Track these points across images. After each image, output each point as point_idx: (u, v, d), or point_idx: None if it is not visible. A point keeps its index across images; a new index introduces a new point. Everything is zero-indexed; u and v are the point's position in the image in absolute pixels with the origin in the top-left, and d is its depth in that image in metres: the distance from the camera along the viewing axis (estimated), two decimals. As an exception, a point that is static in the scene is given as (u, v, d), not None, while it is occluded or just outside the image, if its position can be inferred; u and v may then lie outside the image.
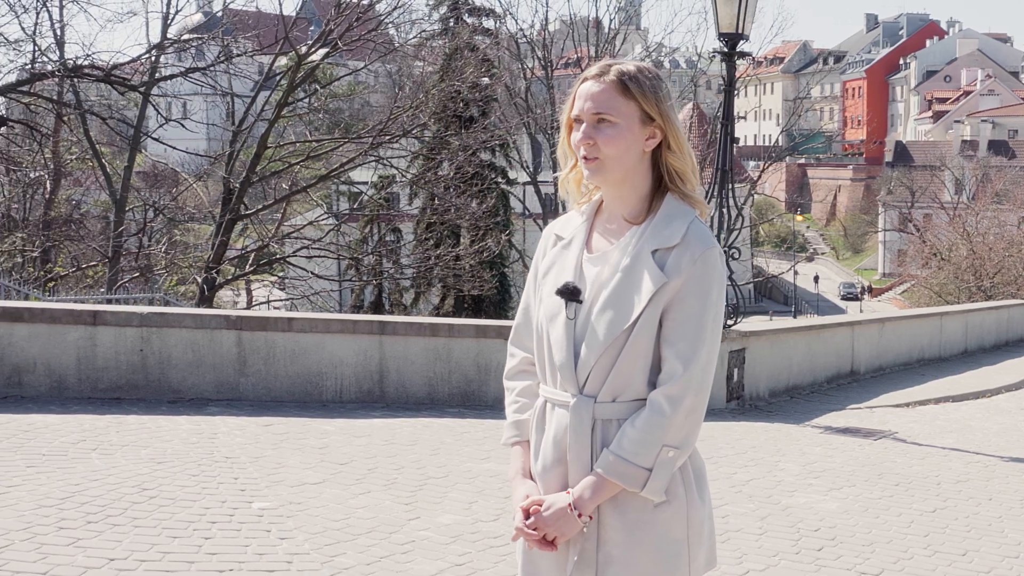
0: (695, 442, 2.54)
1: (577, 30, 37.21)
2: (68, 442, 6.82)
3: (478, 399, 9.03)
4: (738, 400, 9.74)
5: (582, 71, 2.65)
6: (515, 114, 36.23)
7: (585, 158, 2.54)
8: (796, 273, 64.00)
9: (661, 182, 2.60)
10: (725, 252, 9.73)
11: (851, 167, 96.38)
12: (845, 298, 71.16)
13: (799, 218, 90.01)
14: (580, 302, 2.53)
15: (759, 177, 42.09)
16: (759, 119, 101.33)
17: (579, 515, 2.49)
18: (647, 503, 2.50)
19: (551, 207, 36.45)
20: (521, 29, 36.38)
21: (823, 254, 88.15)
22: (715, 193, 9.67)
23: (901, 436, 8.81)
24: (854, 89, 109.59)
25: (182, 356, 8.40)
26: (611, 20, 38.15)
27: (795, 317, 52.19)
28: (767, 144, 69.53)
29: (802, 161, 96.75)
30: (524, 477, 2.64)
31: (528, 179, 36.89)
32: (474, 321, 10.31)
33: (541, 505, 2.53)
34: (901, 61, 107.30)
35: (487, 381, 9.07)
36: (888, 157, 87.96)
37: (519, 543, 2.63)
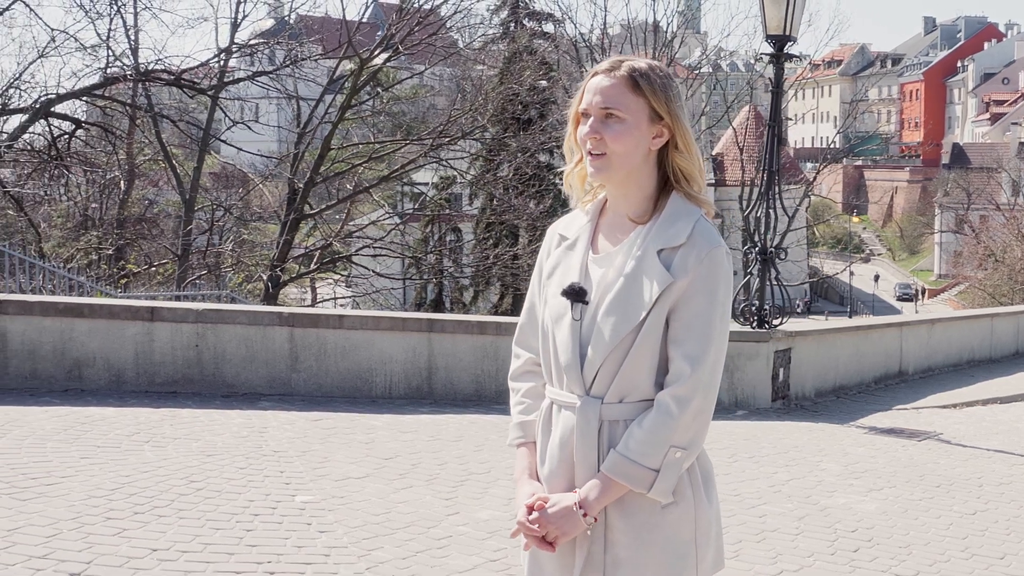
0: (703, 443, 2.46)
1: (635, 34, 36.95)
2: (123, 434, 6.86)
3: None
4: (783, 400, 9.57)
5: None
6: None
7: (591, 153, 2.46)
8: (852, 274, 63.26)
9: (666, 182, 2.51)
10: (772, 253, 9.58)
11: (908, 169, 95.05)
12: (901, 299, 70.21)
13: (855, 219, 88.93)
14: (586, 303, 2.46)
15: (814, 178, 41.58)
16: (816, 121, 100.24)
17: (584, 515, 2.42)
18: (654, 504, 2.42)
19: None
20: (580, 34, 36.19)
21: (879, 255, 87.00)
22: (762, 194, 9.50)
23: (946, 437, 8.60)
24: (911, 92, 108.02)
25: (236, 352, 8.43)
26: (668, 23, 37.87)
27: (850, 317, 51.53)
28: (824, 146, 68.67)
29: (859, 163, 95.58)
30: (531, 479, 2.56)
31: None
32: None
33: (546, 502, 2.46)
34: (959, 64, 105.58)
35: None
36: (945, 159, 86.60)
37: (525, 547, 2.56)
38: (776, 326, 9.54)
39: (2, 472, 5.79)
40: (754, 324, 9.51)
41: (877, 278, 70.96)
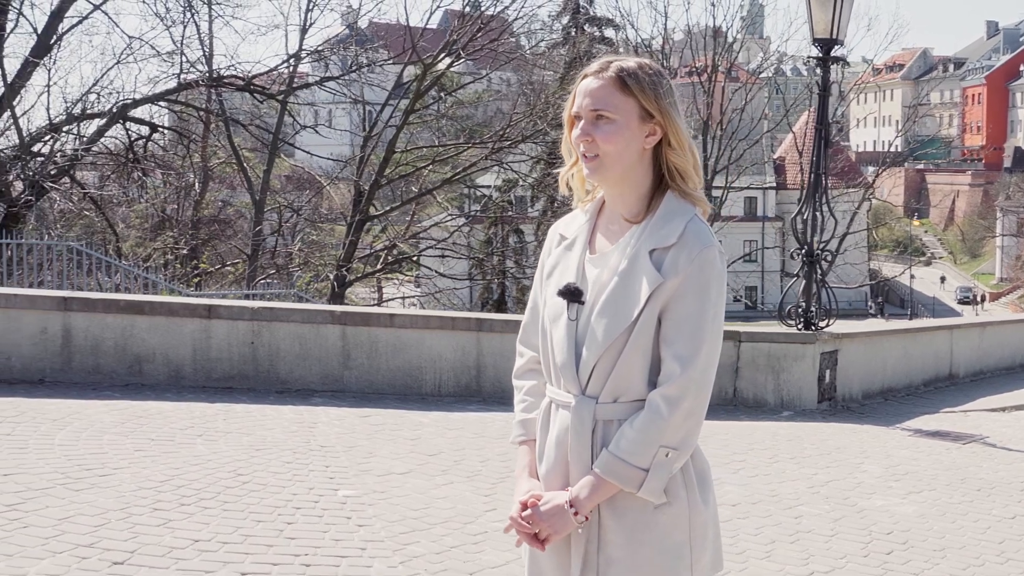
0: (694, 443, 2.41)
1: (695, 40, 36.69)
2: (177, 428, 6.92)
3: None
4: (830, 401, 9.41)
5: (701, 80, 2.53)
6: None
7: (584, 156, 2.43)
8: (912, 277, 62.31)
9: (663, 180, 2.46)
10: (818, 255, 9.43)
11: (969, 172, 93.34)
12: (961, 302, 69.04)
13: (916, 223, 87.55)
14: (582, 303, 2.42)
15: (873, 181, 41.00)
16: (879, 125, 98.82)
17: (575, 513, 2.38)
18: (647, 504, 2.38)
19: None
20: (642, 40, 36.01)
21: (940, 258, 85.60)
22: (809, 196, 9.36)
23: (991, 441, 8.40)
24: (974, 95, 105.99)
25: (290, 349, 8.48)
26: (727, 28, 37.54)
27: (910, 319, 50.78)
28: (888, 151, 67.79)
29: (921, 166, 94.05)
30: (529, 476, 2.54)
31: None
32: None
33: (540, 500, 2.43)
34: (1022, 67, 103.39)
35: (580, 378, 8.93)
36: (1007, 163, 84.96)
37: (524, 545, 2.52)
38: (823, 328, 9.39)
39: (59, 462, 5.87)
40: (800, 326, 9.37)
41: (943, 279, 69.84)
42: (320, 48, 24.66)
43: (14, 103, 21.69)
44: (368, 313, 9.13)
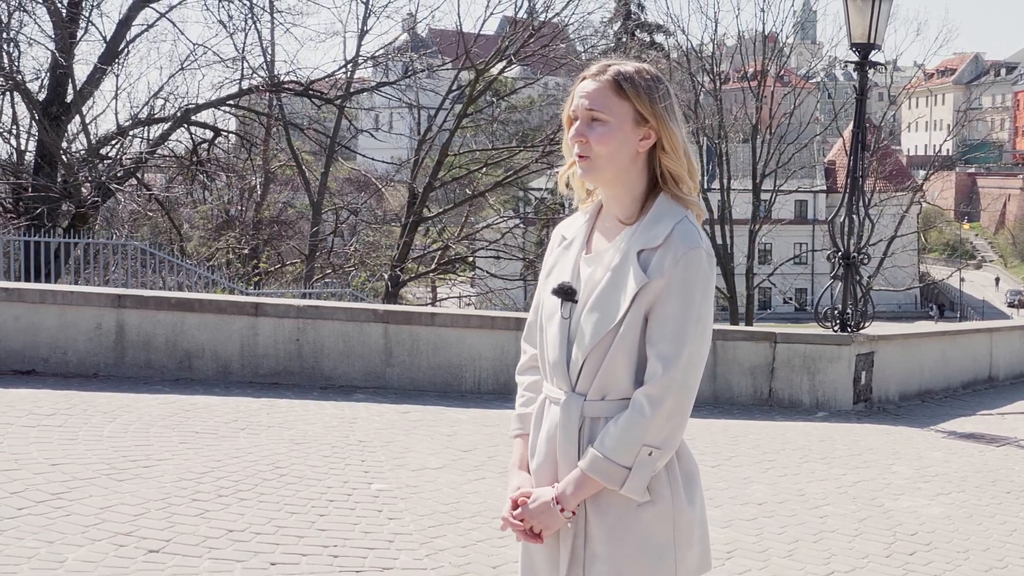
0: (678, 443, 2.39)
1: (744, 45, 36.41)
2: (221, 422, 6.99)
3: (608, 394, 8.86)
4: (866, 402, 9.29)
5: (751, 85, 2.52)
6: (685, 124, 35.66)
7: (579, 155, 2.42)
8: (962, 279, 61.37)
9: (656, 182, 2.44)
10: (854, 257, 9.31)
11: (1021, 176, 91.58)
12: (1012, 305, 67.83)
13: (966, 226, 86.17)
14: (575, 302, 2.42)
15: (921, 185, 40.37)
16: (930, 129, 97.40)
17: (562, 510, 2.38)
18: (630, 502, 2.37)
19: (726, 211, 35.68)
20: (693, 47, 35.78)
21: (991, 262, 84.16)
22: (845, 199, 9.25)
23: (1027, 443, 8.25)
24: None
25: (334, 346, 8.54)
26: (778, 32, 37.19)
27: (960, 322, 49.98)
28: (936, 154, 66.70)
29: (972, 170, 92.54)
30: (520, 469, 2.54)
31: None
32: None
33: (529, 497, 2.43)
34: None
35: (617, 377, 8.90)
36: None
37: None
38: (858, 330, 9.27)
39: (106, 454, 5.95)
40: (836, 327, 9.26)
41: (998, 281, 68.69)
42: (376, 54, 24.78)
43: (83, 108, 22.07)
44: (410, 312, 9.16)
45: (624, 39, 33.91)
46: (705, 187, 36.28)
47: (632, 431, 2.32)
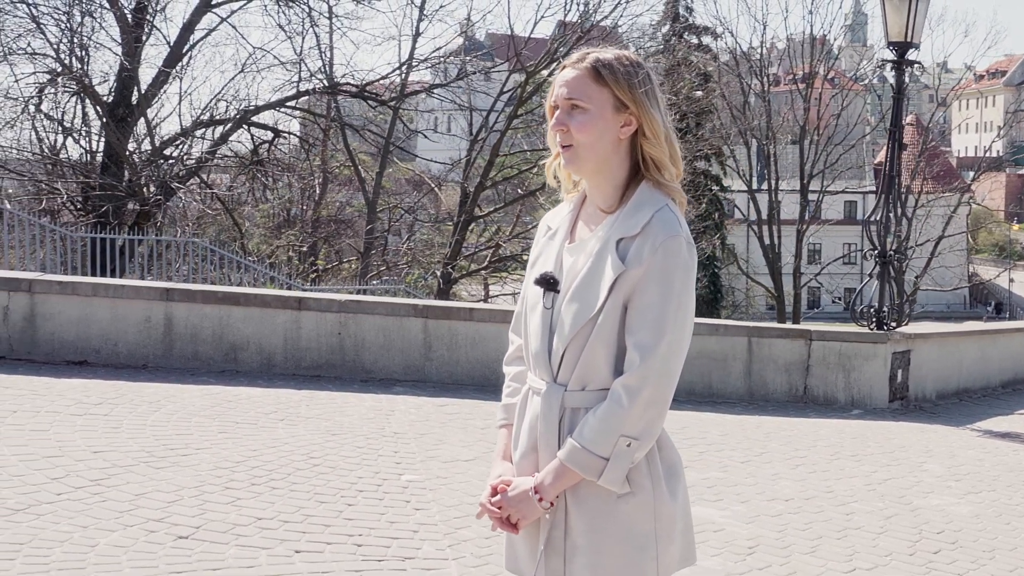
0: (657, 433, 2.30)
1: (793, 47, 35.97)
2: (262, 413, 6.99)
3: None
4: (902, 400, 9.09)
5: (799, 87, 2.44)
6: (733, 125, 35.44)
7: (561, 145, 2.35)
8: (1011, 280, 60.25)
9: (639, 171, 2.36)
10: (891, 255, 9.12)
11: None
12: (1062, 305, 66.37)
13: (1016, 227, 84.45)
14: (557, 291, 2.35)
15: (969, 185, 39.62)
16: (980, 131, 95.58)
17: (540, 499, 2.31)
18: (610, 494, 2.29)
19: (773, 211, 35.26)
20: (742, 51, 35.40)
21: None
22: (881, 197, 9.06)
23: (1063, 443, 8.02)
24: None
25: (374, 340, 8.52)
26: (827, 34, 36.69)
27: (1009, 321, 49.04)
28: (985, 155, 65.45)
29: (1022, 172, 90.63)
30: (504, 460, 2.48)
31: (744, 187, 35.97)
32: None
33: (509, 485, 2.37)
34: None
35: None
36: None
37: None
38: (894, 328, 9.07)
39: (147, 442, 5.97)
40: (872, 326, 9.07)
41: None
42: (428, 57, 24.83)
43: (148, 110, 22.35)
44: (448, 307, 9.11)
45: (672, 41, 33.65)
46: (751, 188, 35.90)
47: (610, 421, 2.25)
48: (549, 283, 2.36)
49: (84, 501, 4.88)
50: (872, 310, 9.09)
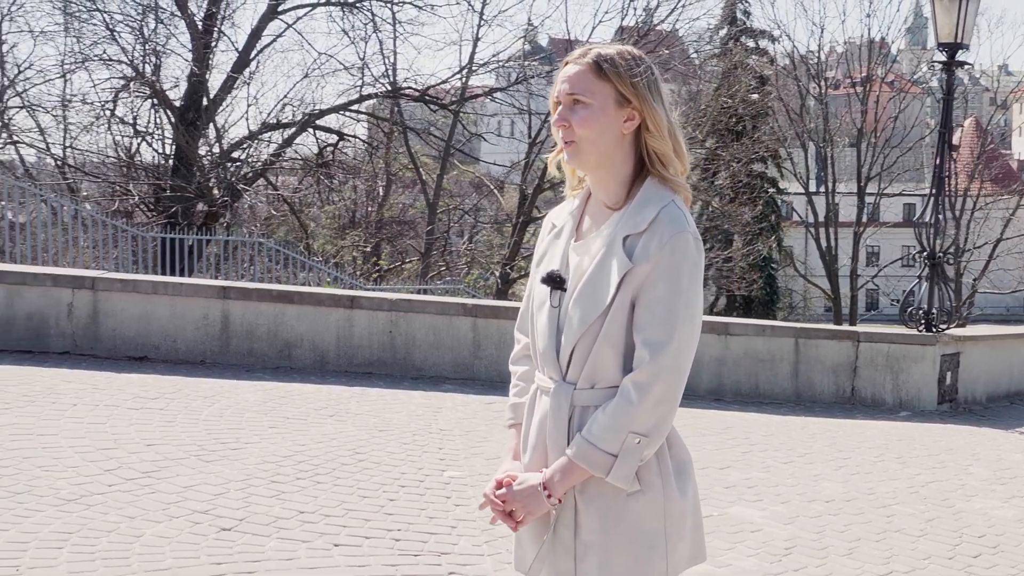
0: (667, 431, 2.24)
1: (851, 50, 35.43)
2: (312, 408, 7.03)
3: (690, 389, 8.55)
4: (951, 403, 8.88)
5: (856, 92, 2.38)
6: (791, 128, 35.02)
7: (564, 141, 2.30)
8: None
9: (644, 166, 2.30)
10: (940, 258, 8.91)
11: None
12: None
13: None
14: (564, 290, 2.30)
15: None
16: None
17: (548, 496, 2.26)
18: (619, 492, 2.24)
19: (830, 213, 34.74)
20: (801, 55, 34.93)
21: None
22: (931, 199, 8.86)
23: (1115, 447, 7.76)
24: None
25: (425, 338, 8.52)
26: (884, 37, 36.09)
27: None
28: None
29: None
30: (513, 459, 2.43)
31: (801, 189, 35.49)
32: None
33: (515, 480, 2.32)
34: None
35: (699, 373, 8.68)
36: None
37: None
38: (943, 330, 8.86)
39: (199, 436, 6.03)
40: (921, 327, 8.87)
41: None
42: (487, 61, 24.84)
43: (216, 114, 22.66)
44: (497, 306, 9.08)
45: (730, 45, 33.31)
46: (808, 191, 35.39)
47: (619, 418, 2.19)
48: (556, 281, 2.31)
49: (134, 492, 4.93)
50: (921, 312, 8.89)
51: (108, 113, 22.29)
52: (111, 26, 21.43)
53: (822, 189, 35.33)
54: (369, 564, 4.33)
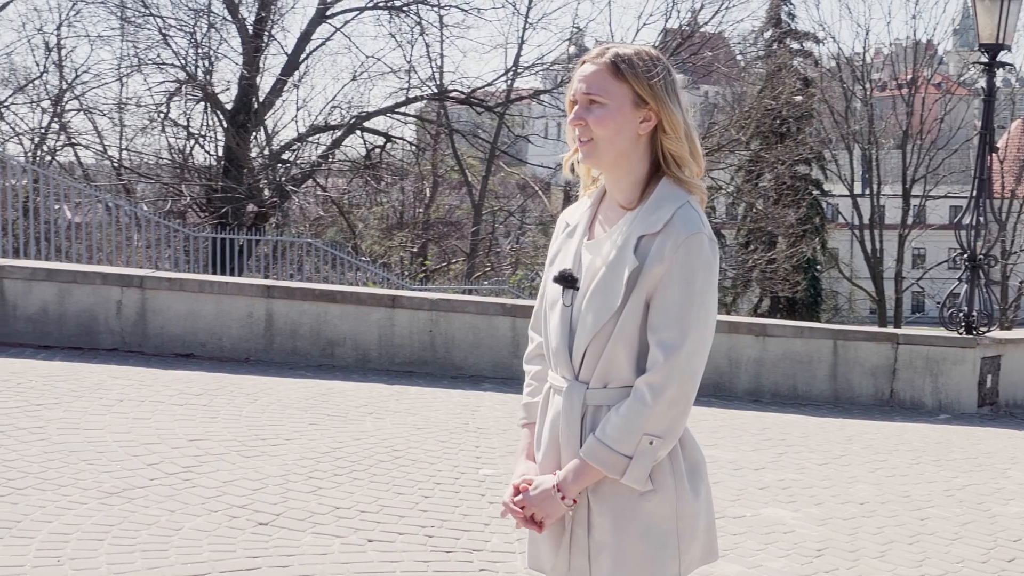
0: (680, 432, 2.23)
1: (897, 51, 34.98)
2: (352, 406, 7.06)
3: (728, 390, 8.60)
4: (991, 406, 8.74)
5: (902, 94, 2.36)
6: (835, 130, 34.65)
7: (579, 140, 2.28)
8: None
9: (659, 167, 2.29)
10: (981, 260, 8.77)
11: None
12: None
13: None
14: (576, 289, 2.29)
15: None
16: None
17: (563, 497, 2.25)
18: (632, 491, 2.22)
19: (875, 215, 34.29)
20: (846, 57, 34.53)
21: None
22: (972, 201, 8.72)
23: None
24: None
25: (464, 338, 8.54)
26: (930, 38, 35.56)
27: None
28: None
29: None
30: (526, 458, 2.42)
31: (846, 191, 35.08)
32: (726, 317, 9.82)
33: (531, 484, 2.31)
34: None
35: (737, 374, 8.63)
36: None
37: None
38: (984, 333, 8.72)
39: (241, 432, 6.08)
40: (961, 330, 8.74)
41: None
42: (533, 64, 24.84)
43: (266, 116, 22.88)
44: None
45: (774, 47, 33.02)
46: (853, 193, 34.96)
47: (633, 420, 2.18)
48: (568, 281, 2.30)
49: (175, 487, 4.99)
50: (961, 314, 8.76)
51: (162, 116, 22.61)
52: (164, 31, 21.73)
53: (867, 191, 34.90)
54: (402, 560, 4.34)
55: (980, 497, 5.92)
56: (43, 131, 24.20)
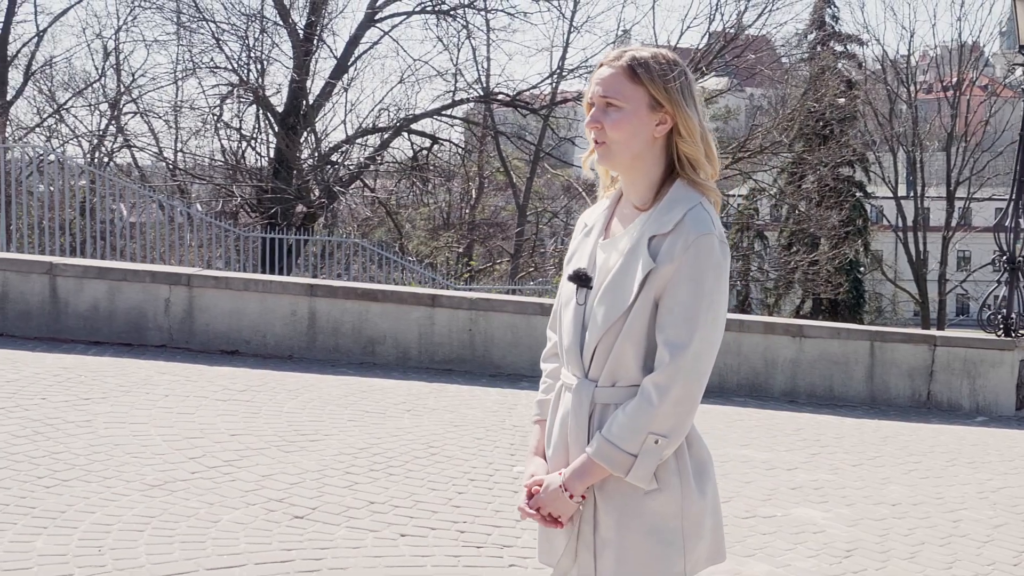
0: (686, 431, 2.22)
1: (942, 53, 34.48)
2: (391, 403, 7.09)
3: (764, 391, 8.53)
4: (1030, 408, 8.59)
5: (947, 96, 2.35)
6: (879, 132, 34.24)
7: (595, 142, 2.28)
8: None
9: (674, 169, 2.28)
10: (1020, 262, 8.61)
11: None
12: None
13: None
14: (590, 288, 2.29)
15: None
16: None
17: (570, 496, 2.25)
18: (637, 490, 2.22)
19: (919, 217, 33.85)
20: (890, 59, 34.10)
21: None
22: (1012, 203, 8.57)
23: None
24: None
25: (503, 337, 8.55)
26: (976, 39, 35.03)
27: None
28: None
29: None
30: (537, 456, 2.42)
31: (890, 193, 34.65)
32: (762, 318, 9.74)
33: (540, 485, 2.31)
34: None
35: (773, 375, 8.55)
36: None
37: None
38: (1023, 335, 8.57)
39: (281, 427, 6.13)
40: (1000, 332, 8.59)
41: None
42: (577, 67, 24.81)
43: (316, 118, 23.07)
44: (573, 307, 9.05)
45: (818, 49, 32.69)
46: (896, 195, 34.52)
47: (639, 419, 2.17)
48: (582, 279, 2.30)
49: (215, 480, 5.04)
50: (1000, 317, 8.62)
51: (215, 118, 22.90)
52: (218, 35, 22.00)
53: (911, 193, 34.45)
54: (433, 555, 4.35)
55: (1014, 500, 5.81)
56: (101, 133, 24.64)
